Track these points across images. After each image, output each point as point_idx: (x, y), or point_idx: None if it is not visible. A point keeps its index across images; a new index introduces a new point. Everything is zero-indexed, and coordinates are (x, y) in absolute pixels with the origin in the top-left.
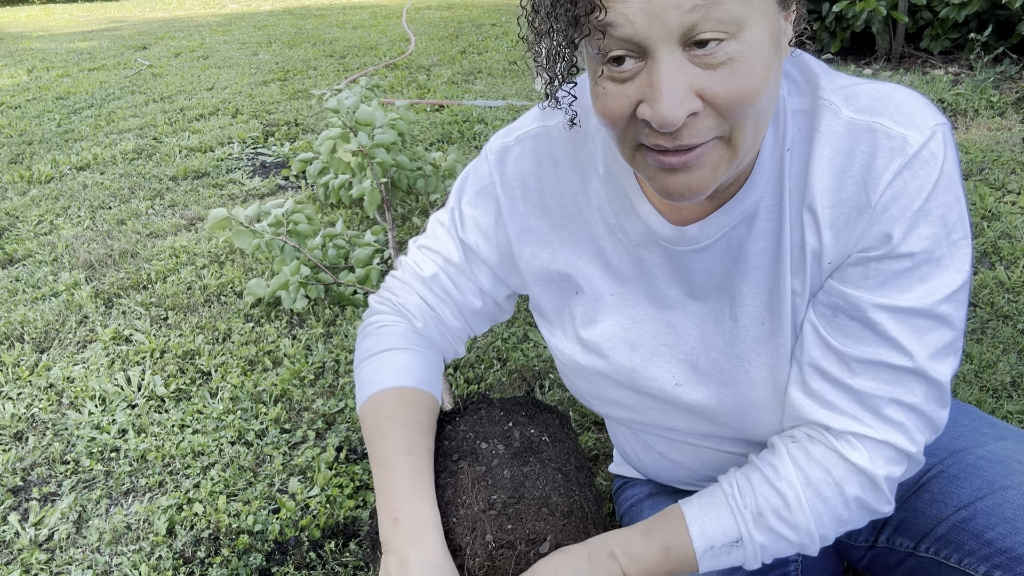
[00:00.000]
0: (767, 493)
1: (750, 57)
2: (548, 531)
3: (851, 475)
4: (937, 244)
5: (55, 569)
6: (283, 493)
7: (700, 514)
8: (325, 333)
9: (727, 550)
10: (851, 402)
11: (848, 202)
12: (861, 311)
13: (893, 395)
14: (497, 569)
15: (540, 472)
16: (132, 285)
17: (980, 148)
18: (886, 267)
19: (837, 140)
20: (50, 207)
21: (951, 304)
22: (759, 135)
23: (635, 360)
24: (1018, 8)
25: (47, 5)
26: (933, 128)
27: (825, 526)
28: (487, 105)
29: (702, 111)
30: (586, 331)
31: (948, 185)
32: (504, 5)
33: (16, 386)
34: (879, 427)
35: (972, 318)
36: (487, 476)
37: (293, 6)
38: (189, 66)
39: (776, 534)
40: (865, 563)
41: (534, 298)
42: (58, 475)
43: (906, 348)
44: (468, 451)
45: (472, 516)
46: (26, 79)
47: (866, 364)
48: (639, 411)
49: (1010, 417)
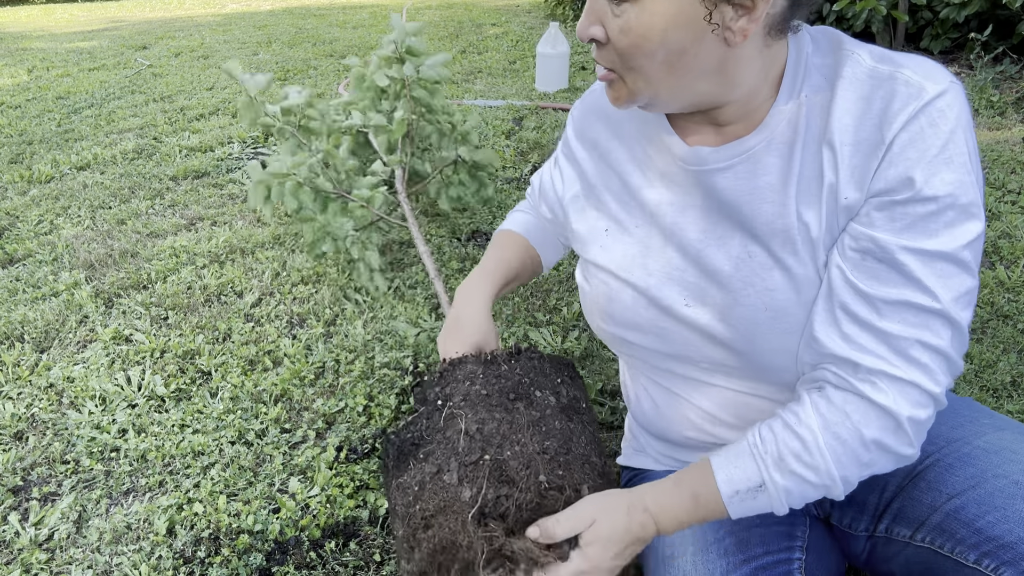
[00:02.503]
0: (787, 438)
1: (637, 22)
2: (591, 486)
3: (870, 417)
4: (962, 190)
5: (55, 569)
6: (283, 493)
7: (725, 462)
8: (325, 333)
9: (752, 495)
10: (879, 343)
11: (866, 141)
12: (888, 253)
13: (920, 337)
14: (543, 508)
15: (582, 431)
16: (132, 285)
17: (980, 148)
18: (911, 210)
19: (859, 85)
20: (50, 207)
21: (971, 251)
22: (662, 93)
23: (650, 281)
24: (1018, 8)
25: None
26: (948, 84)
27: (846, 467)
28: (487, 105)
29: (606, 45)
30: (607, 255)
31: (965, 138)
32: (504, 5)
33: (16, 386)
34: (906, 367)
35: (972, 318)
36: (541, 423)
37: (293, 6)
38: (189, 66)
39: (797, 476)
40: (865, 556)
41: (569, 225)
42: (58, 475)
43: (932, 290)
44: (524, 394)
45: (527, 455)
46: (26, 79)
47: (893, 305)
48: (653, 332)
49: (1010, 417)
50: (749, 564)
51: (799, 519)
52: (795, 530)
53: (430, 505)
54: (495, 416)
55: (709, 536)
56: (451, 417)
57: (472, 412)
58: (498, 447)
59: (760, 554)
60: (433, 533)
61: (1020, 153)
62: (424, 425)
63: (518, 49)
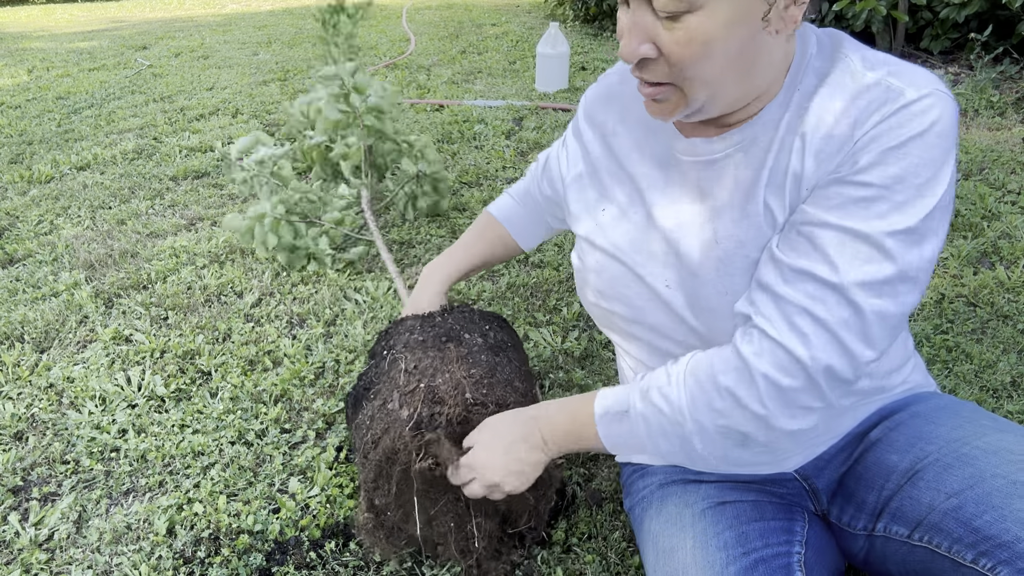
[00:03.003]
0: (659, 373)
1: (700, 30)
2: (513, 402)
3: (729, 364)
4: (902, 186)
5: (55, 569)
6: (283, 493)
7: (610, 391)
8: (325, 333)
9: (618, 418)
10: (771, 305)
11: (838, 137)
12: (810, 225)
13: (809, 307)
14: (470, 421)
15: (507, 364)
16: (132, 285)
17: (980, 148)
18: (845, 192)
19: (843, 88)
20: (50, 207)
21: (898, 241)
22: (719, 94)
23: (638, 259)
24: (1018, 8)
25: (47, 5)
26: (932, 89)
27: (698, 409)
28: (487, 105)
29: (657, 59)
30: (602, 233)
31: (933, 144)
32: (504, 5)
33: (16, 386)
34: (783, 330)
35: (972, 318)
36: (468, 356)
37: (293, 6)
38: (189, 66)
39: (654, 406)
40: (863, 554)
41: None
42: (58, 475)
43: (836, 264)
44: (454, 337)
45: (455, 379)
46: (26, 79)
47: (797, 273)
48: (638, 307)
49: (1010, 417)
50: (748, 556)
51: (798, 515)
52: (794, 525)
53: (378, 429)
54: (429, 355)
55: (708, 530)
56: (393, 361)
57: (411, 354)
58: (431, 376)
59: (759, 547)
60: (380, 448)
61: (1020, 153)
62: (373, 373)
63: (518, 49)
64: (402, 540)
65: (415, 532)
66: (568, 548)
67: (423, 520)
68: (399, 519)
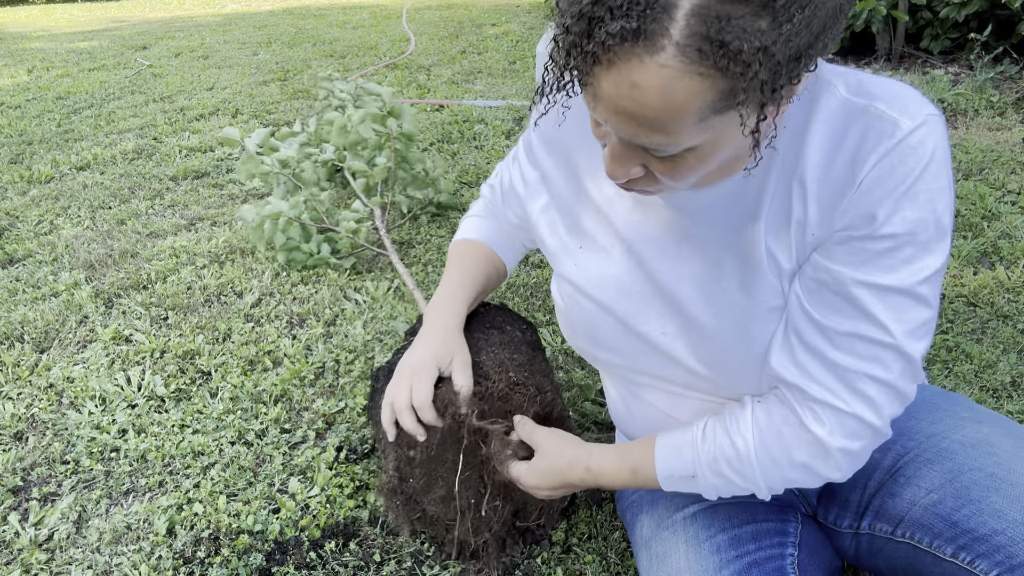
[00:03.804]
0: (724, 443)
1: (695, 158)
2: (550, 390)
3: (803, 442)
4: (923, 228)
5: (55, 569)
6: (283, 493)
7: (667, 447)
8: (325, 333)
9: (684, 481)
10: (827, 373)
11: (836, 179)
12: (843, 286)
13: (869, 370)
14: (511, 399)
15: (542, 360)
16: (132, 285)
17: (980, 148)
18: (870, 246)
19: (832, 119)
20: (50, 207)
21: (929, 285)
22: (706, 181)
23: (627, 307)
24: (1018, 8)
25: (47, 5)
26: (925, 116)
27: (772, 480)
28: (487, 105)
29: (645, 175)
30: (582, 274)
31: (937, 173)
32: (504, 5)
33: (16, 386)
34: (851, 400)
35: (972, 318)
36: (510, 343)
37: (293, 6)
38: (189, 66)
39: (725, 478)
40: (853, 552)
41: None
42: (58, 475)
43: (885, 324)
44: (496, 326)
45: (500, 360)
46: (26, 79)
47: (845, 337)
48: (631, 356)
49: (1010, 417)
50: (742, 560)
51: (791, 516)
52: (787, 527)
53: None
54: (474, 336)
55: (701, 534)
56: None
57: None
58: (476, 353)
59: (752, 550)
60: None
61: (1020, 153)
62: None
63: (518, 49)
64: (415, 513)
65: (429, 508)
66: (568, 548)
67: (447, 487)
68: (421, 487)
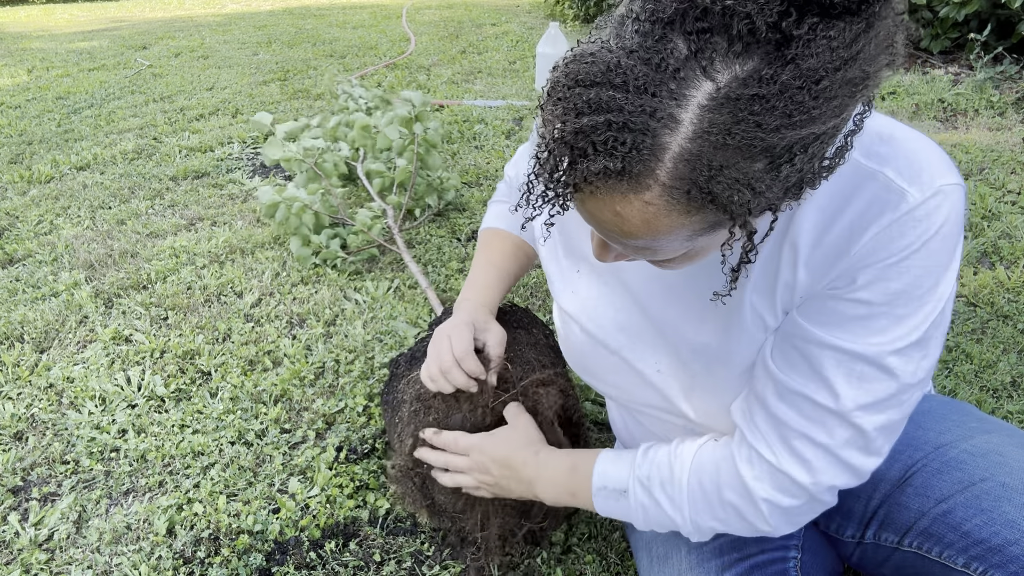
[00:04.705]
0: (662, 463)
1: (684, 259)
2: (572, 395)
3: (734, 483)
4: (904, 302)
5: (55, 569)
6: (283, 493)
7: (610, 458)
8: (325, 333)
9: (615, 496)
10: (768, 424)
11: (831, 246)
12: (806, 343)
13: (808, 431)
14: (538, 398)
15: (563, 365)
16: (132, 285)
17: (980, 148)
18: (842, 308)
19: (838, 180)
20: (50, 207)
21: (901, 358)
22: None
23: (623, 342)
24: (1018, 8)
25: (47, 5)
26: (939, 187)
27: (699, 513)
28: (487, 105)
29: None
30: (580, 304)
31: (938, 249)
32: (504, 5)
33: (16, 386)
34: (783, 456)
35: (972, 318)
36: (536, 345)
37: (293, 6)
38: (189, 66)
39: (654, 499)
40: (856, 559)
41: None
42: (58, 475)
43: (835, 390)
44: (523, 327)
45: (527, 359)
46: (26, 79)
47: (793, 394)
48: (628, 389)
49: (1010, 417)
50: (744, 562)
51: None
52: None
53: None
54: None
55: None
56: None
57: None
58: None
59: (755, 552)
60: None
61: (1020, 153)
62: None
63: (518, 49)
64: (426, 501)
65: (438, 497)
66: (568, 548)
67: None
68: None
